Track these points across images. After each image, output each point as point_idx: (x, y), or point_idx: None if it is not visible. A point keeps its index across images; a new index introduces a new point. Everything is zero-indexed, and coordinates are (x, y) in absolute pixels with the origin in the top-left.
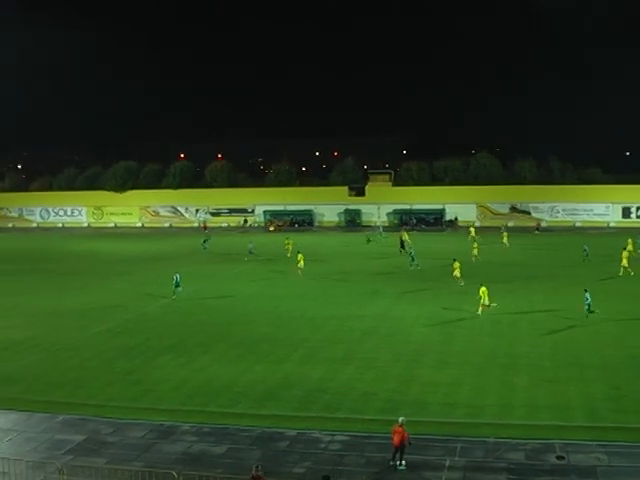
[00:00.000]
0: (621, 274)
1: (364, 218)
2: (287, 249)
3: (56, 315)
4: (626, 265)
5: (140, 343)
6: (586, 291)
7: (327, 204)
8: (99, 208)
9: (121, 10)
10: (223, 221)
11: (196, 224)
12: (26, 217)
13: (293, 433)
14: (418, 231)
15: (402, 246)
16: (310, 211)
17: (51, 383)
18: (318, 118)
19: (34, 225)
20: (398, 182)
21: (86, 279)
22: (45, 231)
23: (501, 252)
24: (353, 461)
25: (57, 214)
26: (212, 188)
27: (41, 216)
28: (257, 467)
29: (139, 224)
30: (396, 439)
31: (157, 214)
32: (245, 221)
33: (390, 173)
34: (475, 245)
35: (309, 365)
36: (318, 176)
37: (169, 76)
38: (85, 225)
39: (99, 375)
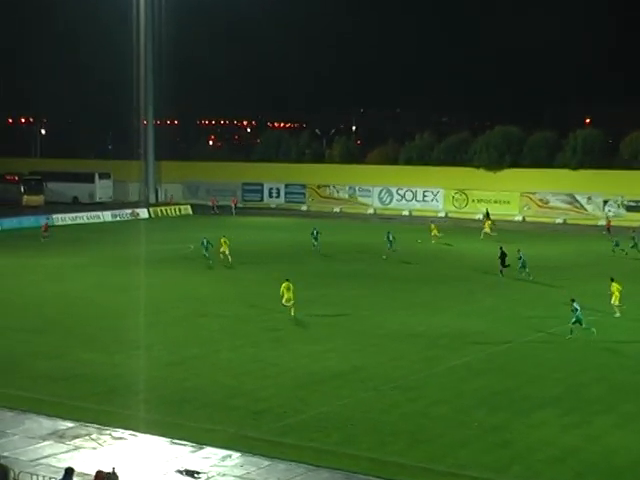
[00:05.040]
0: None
1: None
2: None
3: (394, 339)
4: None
5: (511, 388)
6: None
7: None
8: (462, 192)
9: None
10: None
11: (601, 222)
12: (359, 199)
13: None
14: None
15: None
16: None
17: (380, 434)
18: None
19: (369, 211)
20: None
21: (439, 290)
22: (383, 220)
23: None
24: None
25: (403, 197)
26: (632, 170)
27: (380, 199)
28: None
29: (519, 217)
30: None
31: (546, 204)
32: None
33: None
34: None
35: None
36: None
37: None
38: (441, 214)
39: (448, 428)
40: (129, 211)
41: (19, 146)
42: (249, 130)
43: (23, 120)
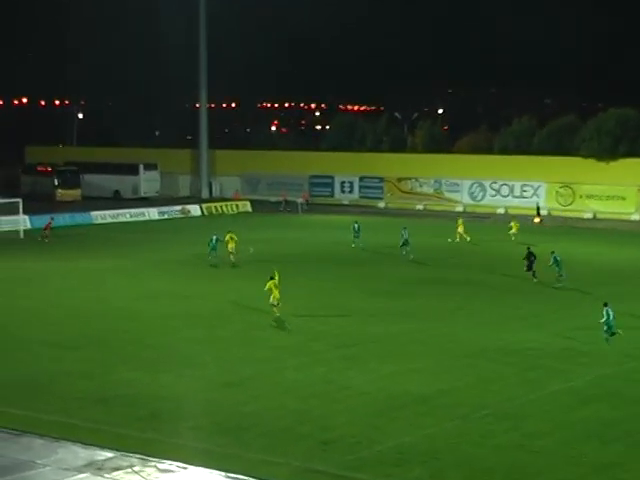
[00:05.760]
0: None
1: None
2: None
3: (486, 359)
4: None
5: (626, 418)
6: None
7: None
8: (568, 186)
9: None
10: None
11: None
12: (446, 195)
13: None
14: None
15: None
16: None
17: (471, 469)
18: None
19: (458, 209)
20: None
21: (536, 302)
22: (475, 219)
23: None
24: None
25: (497, 192)
26: None
27: (471, 194)
28: None
29: (635, 216)
30: None
31: None
32: None
33: None
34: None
35: None
36: None
37: None
38: (543, 212)
39: (552, 465)
40: (178, 208)
41: (53, 132)
42: (318, 114)
43: (57, 102)
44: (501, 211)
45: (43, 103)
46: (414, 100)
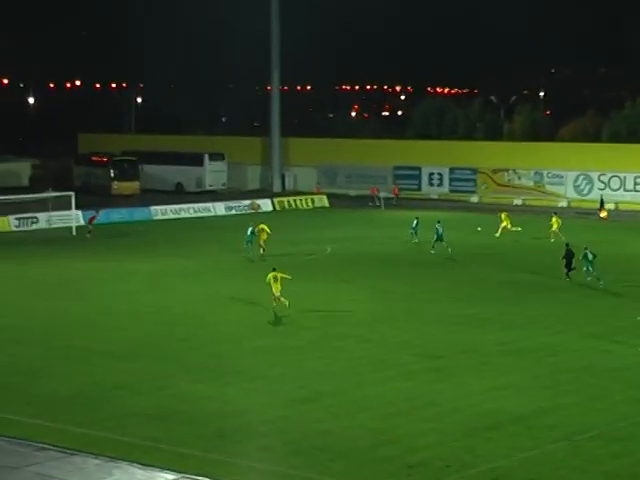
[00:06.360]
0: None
1: None
2: None
3: (593, 374)
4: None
5: None
6: None
7: None
8: None
9: None
10: None
11: None
12: (548, 188)
13: None
14: None
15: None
16: None
17: None
18: None
19: (562, 204)
20: None
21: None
22: (581, 215)
23: None
24: None
25: (607, 184)
26: None
27: (576, 187)
28: None
29: None
30: None
31: None
32: None
33: None
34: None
35: None
36: None
37: None
38: None
39: None
40: (247, 202)
41: (109, 119)
42: (403, 98)
43: (114, 85)
44: (610, 207)
45: (98, 86)
46: (512, 82)
